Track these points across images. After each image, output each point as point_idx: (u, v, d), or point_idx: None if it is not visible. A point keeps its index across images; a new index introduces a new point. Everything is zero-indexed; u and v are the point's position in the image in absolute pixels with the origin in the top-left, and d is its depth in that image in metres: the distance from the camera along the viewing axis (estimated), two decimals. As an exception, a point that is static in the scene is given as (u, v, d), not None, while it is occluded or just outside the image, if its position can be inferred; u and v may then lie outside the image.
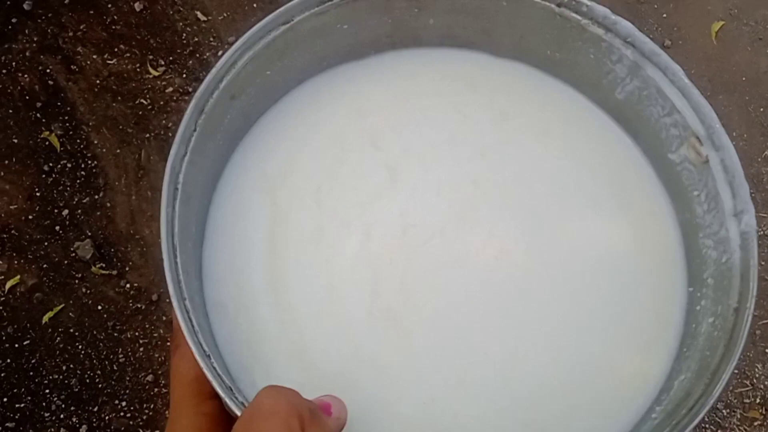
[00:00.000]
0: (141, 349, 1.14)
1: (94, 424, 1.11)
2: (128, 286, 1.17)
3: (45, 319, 1.14)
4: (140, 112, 1.24)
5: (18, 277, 1.16)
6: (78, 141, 1.22)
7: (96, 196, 1.20)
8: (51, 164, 1.21)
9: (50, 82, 1.25)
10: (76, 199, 1.20)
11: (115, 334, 1.15)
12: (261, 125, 0.44)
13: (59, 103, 1.24)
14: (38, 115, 1.23)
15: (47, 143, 1.21)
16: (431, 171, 0.42)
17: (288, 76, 0.44)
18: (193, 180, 0.37)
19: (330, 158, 0.42)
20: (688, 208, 0.40)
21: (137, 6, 1.31)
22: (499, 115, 0.44)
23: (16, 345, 1.13)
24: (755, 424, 1.11)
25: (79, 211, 1.19)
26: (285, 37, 0.40)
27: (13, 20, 1.28)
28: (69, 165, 1.21)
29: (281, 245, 0.40)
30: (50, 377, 1.13)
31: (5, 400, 1.11)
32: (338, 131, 0.43)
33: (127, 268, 1.18)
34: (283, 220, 0.41)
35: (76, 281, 1.16)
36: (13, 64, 1.25)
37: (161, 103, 1.25)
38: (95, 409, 1.12)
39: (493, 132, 0.43)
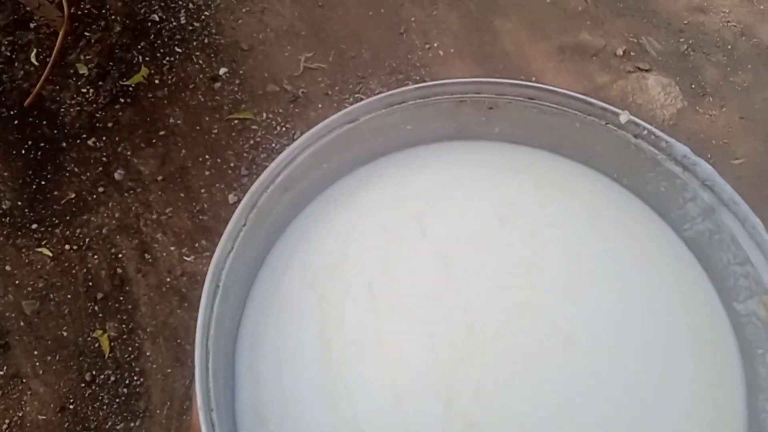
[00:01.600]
0: None
1: None
2: None
3: None
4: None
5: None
6: (130, 349, 1.11)
7: (132, 424, 1.06)
8: (94, 372, 1.09)
9: (119, 270, 1.16)
10: (109, 423, 1.07)
11: None
12: (307, 213, 0.42)
13: (122, 298, 1.15)
14: (96, 308, 1.13)
15: (97, 345, 1.10)
16: (485, 258, 0.39)
17: (343, 167, 0.42)
18: (234, 274, 0.35)
19: (379, 248, 0.40)
20: (751, 365, 0.38)
21: (231, 197, 1.25)
22: (547, 198, 0.41)
23: None
24: None
25: (110, 439, 1.09)
26: (347, 135, 0.38)
27: (100, 189, 1.23)
28: (113, 378, 1.09)
29: (336, 349, 0.37)
30: None
31: None
32: (384, 218, 0.41)
33: None
34: (335, 320, 0.38)
35: None
36: (86, 240, 1.18)
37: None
38: None
39: (539, 215, 0.41)
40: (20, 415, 1.07)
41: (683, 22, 1.42)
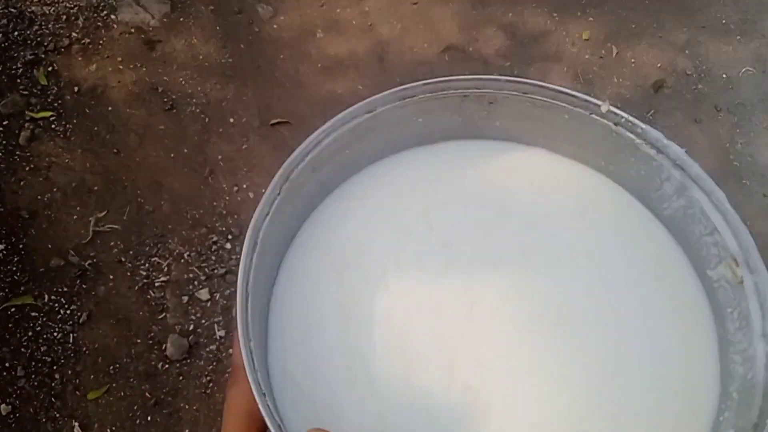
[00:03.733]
0: None
1: None
2: None
3: None
4: None
5: None
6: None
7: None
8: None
9: None
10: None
11: None
12: (334, 196, 0.48)
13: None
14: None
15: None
16: (484, 246, 0.46)
17: (364, 155, 0.48)
18: (269, 237, 0.41)
19: (392, 243, 0.46)
20: (722, 324, 0.43)
21: (3, 409, 1.16)
22: (544, 198, 0.48)
23: None
24: None
25: None
26: (367, 124, 0.45)
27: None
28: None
29: (354, 323, 0.43)
30: None
31: None
32: (396, 213, 0.48)
33: None
34: (353, 301, 0.44)
35: None
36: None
37: None
38: None
39: (536, 210, 0.47)
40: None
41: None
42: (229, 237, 1.30)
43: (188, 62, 1.47)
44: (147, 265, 1.29)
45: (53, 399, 1.18)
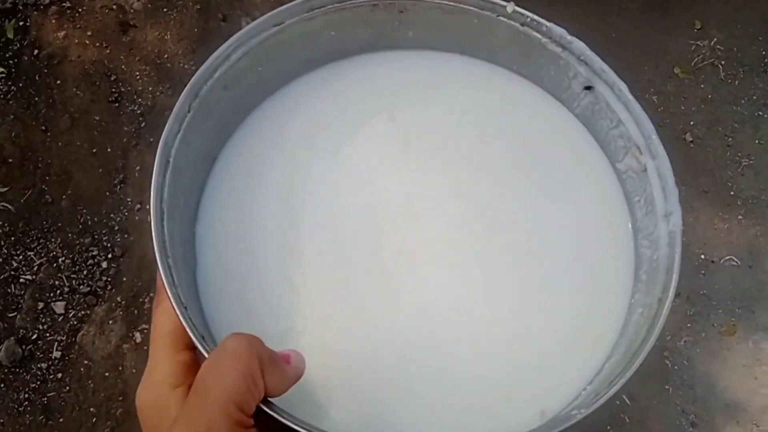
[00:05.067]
0: None
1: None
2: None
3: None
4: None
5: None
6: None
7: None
8: None
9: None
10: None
11: None
12: (252, 117, 0.48)
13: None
14: None
15: None
16: (439, 149, 0.47)
17: (279, 74, 0.48)
18: (185, 157, 0.41)
19: (351, 125, 0.47)
20: (632, 212, 0.45)
21: None
22: (468, 109, 0.49)
23: None
24: None
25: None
26: (276, 38, 0.44)
27: None
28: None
29: (297, 195, 0.45)
30: None
31: None
32: (357, 103, 0.48)
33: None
34: (299, 173, 0.46)
35: None
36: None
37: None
38: None
39: (458, 122, 0.48)
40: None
41: None
42: (109, 256, 1.23)
43: (152, 58, 1.39)
44: (21, 257, 1.23)
45: None
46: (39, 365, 1.18)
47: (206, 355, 0.34)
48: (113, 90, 1.37)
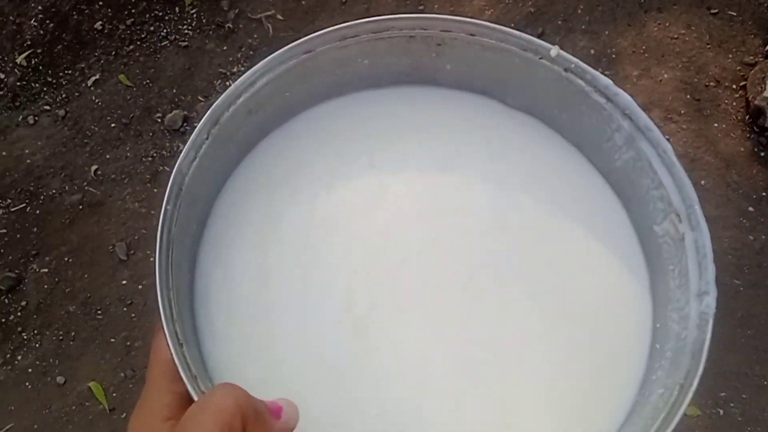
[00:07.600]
0: None
1: None
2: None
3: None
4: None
5: None
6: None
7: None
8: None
9: None
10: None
11: None
12: (272, 137, 0.47)
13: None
14: None
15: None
16: (418, 195, 0.45)
17: (307, 98, 0.47)
18: (200, 183, 0.40)
19: (329, 170, 0.45)
20: (663, 280, 0.42)
21: None
22: (494, 156, 0.46)
23: None
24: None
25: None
26: (306, 65, 0.43)
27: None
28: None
29: (272, 242, 0.43)
30: None
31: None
32: (340, 147, 0.46)
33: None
34: (275, 219, 0.44)
35: None
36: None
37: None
38: None
39: (481, 170, 0.46)
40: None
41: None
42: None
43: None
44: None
45: None
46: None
47: (195, 399, 0.33)
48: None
